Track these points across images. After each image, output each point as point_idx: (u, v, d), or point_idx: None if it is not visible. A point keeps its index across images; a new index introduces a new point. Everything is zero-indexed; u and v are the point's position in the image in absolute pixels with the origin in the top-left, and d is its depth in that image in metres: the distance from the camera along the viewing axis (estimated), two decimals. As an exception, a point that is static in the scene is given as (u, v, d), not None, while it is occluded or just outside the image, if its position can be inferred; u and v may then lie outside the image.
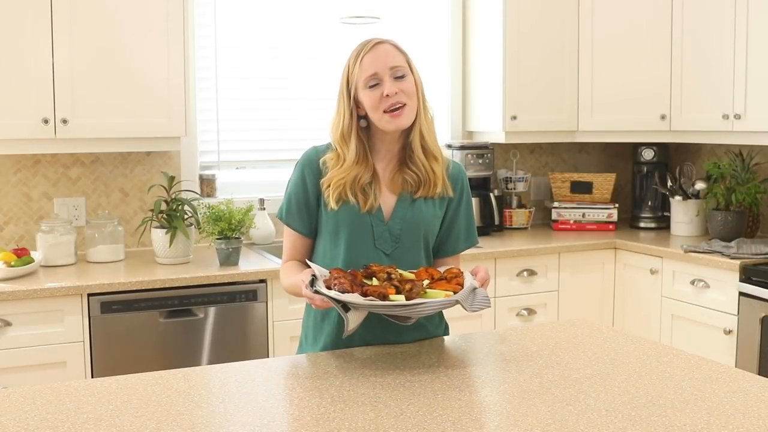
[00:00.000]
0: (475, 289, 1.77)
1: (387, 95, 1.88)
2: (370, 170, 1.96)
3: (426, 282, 1.81)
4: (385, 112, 1.90)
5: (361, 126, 1.96)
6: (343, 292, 1.69)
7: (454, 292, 1.76)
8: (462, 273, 1.86)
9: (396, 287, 1.74)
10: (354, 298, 1.68)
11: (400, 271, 1.85)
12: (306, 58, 3.86)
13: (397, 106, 1.90)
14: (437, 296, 1.74)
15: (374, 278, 1.81)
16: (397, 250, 1.96)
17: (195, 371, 1.80)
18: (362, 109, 1.94)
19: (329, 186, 1.93)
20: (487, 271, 1.88)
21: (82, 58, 3.07)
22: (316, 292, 1.73)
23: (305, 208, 1.99)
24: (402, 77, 1.91)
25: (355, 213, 1.93)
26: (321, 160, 1.98)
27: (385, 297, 1.69)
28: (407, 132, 1.97)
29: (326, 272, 1.84)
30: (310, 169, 1.98)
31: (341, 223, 1.94)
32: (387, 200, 1.97)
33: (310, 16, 3.85)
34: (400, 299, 1.70)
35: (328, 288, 1.73)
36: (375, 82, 1.90)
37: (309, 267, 2.05)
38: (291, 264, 2.03)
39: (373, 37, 1.97)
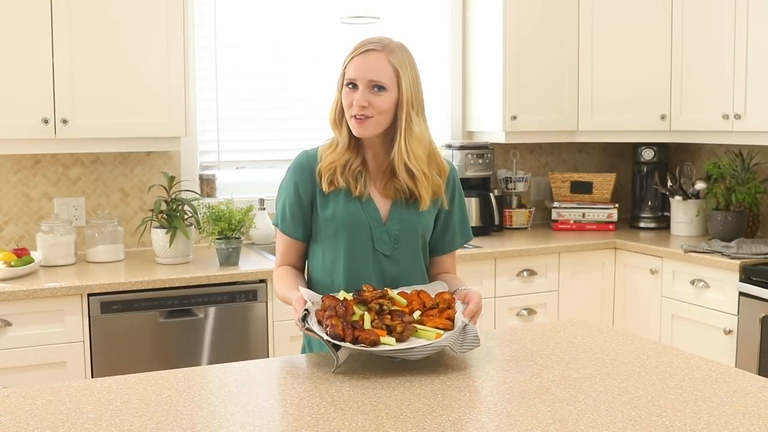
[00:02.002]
0: (465, 326, 1.77)
1: (354, 104, 1.88)
2: (360, 157, 1.96)
3: (417, 313, 1.80)
4: (352, 116, 1.90)
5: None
6: (334, 338, 1.69)
7: (445, 328, 1.76)
8: (453, 301, 1.85)
9: (387, 327, 1.74)
10: (346, 345, 1.69)
11: (392, 296, 1.84)
12: (306, 58, 3.86)
13: (361, 116, 1.88)
14: (428, 337, 1.74)
15: (367, 306, 1.80)
16: (396, 251, 1.97)
17: (195, 371, 1.80)
18: None
19: (322, 169, 1.94)
20: (479, 302, 1.84)
21: (82, 58, 3.07)
22: (308, 329, 1.73)
23: (300, 213, 1.99)
24: (379, 91, 1.88)
25: (350, 208, 1.94)
26: (316, 156, 1.98)
27: (376, 343, 1.69)
28: (388, 147, 1.95)
29: (318, 298, 1.83)
30: (302, 174, 1.98)
31: (340, 226, 1.94)
32: (382, 204, 1.97)
33: (310, 16, 3.85)
34: (392, 342, 1.71)
35: (320, 321, 1.73)
36: (353, 86, 1.90)
37: (302, 271, 2.06)
38: (285, 270, 2.03)
39: (374, 39, 1.93)
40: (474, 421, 1.47)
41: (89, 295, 2.86)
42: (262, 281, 3.09)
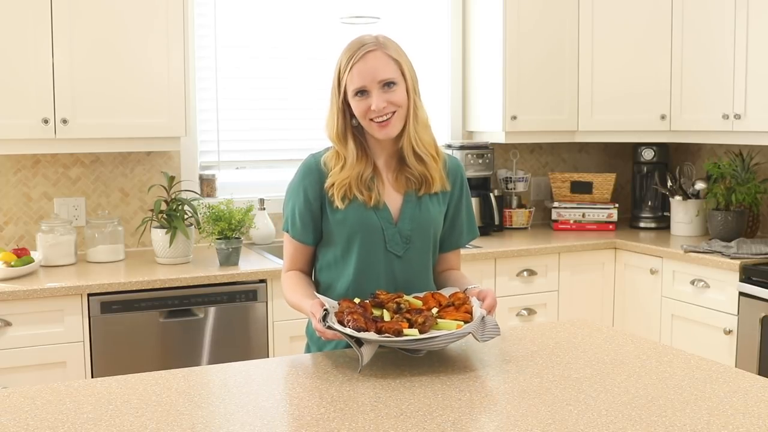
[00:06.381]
0: (483, 317, 1.78)
1: (374, 109, 1.87)
2: (371, 165, 1.96)
3: (435, 310, 1.81)
4: (372, 120, 1.89)
5: (354, 125, 1.95)
6: (358, 330, 1.69)
7: (465, 321, 1.77)
8: (468, 298, 1.86)
9: (408, 320, 1.75)
10: (370, 336, 1.69)
11: (407, 298, 1.86)
12: (306, 58, 3.86)
13: (384, 118, 1.88)
14: (449, 327, 1.75)
15: (384, 308, 1.81)
16: (408, 252, 1.96)
17: (195, 371, 1.80)
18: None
19: (333, 185, 1.93)
20: (494, 297, 1.86)
21: (81, 58, 3.07)
22: (330, 327, 1.72)
23: (310, 219, 1.97)
24: (391, 87, 1.88)
25: (363, 211, 1.92)
26: (321, 162, 1.97)
27: (399, 333, 1.70)
28: (398, 138, 1.95)
29: (335, 303, 1.84)
30: (311, 179, 1.96)
31: (353, 228, 1.93)
32: (393, 201, 1.97)
33: (310, 16, 3.85)
34: (414, 333, 1.71)
35: (341, 322, 1.73)
36: (363, 92, 1.88)
37: (311, 279, 2.05)
38: (294, 276, 2.01)
39: (366, 40, 1.91)
40: (474, 421, 1.47)
41: (89, 295, 2.86)
42: (262, 281, 3.09)
